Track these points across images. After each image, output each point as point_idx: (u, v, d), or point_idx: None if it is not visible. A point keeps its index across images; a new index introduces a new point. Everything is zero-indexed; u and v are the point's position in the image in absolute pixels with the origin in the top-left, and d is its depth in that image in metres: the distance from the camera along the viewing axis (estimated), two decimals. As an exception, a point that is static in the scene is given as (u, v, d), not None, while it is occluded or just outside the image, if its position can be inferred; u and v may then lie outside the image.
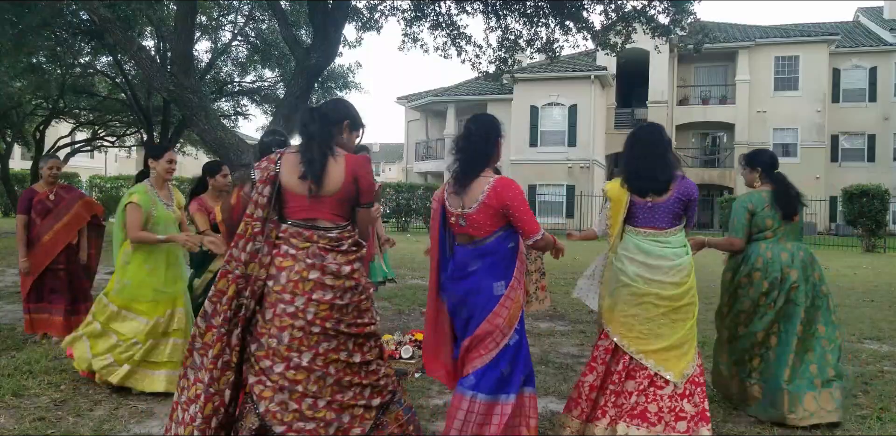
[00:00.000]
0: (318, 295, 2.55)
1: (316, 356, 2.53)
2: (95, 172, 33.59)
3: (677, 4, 8.97)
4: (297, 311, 2.53)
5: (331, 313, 2.56)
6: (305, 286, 2.54)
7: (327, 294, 2.56)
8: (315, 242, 2.59)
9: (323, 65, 7.89)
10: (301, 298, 2.54)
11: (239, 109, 20.13)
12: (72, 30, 11.97)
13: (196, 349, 2.62)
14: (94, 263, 5.58)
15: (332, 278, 2.57)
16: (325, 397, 2.53)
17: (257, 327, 2.59)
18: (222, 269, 2.64)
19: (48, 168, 5.23)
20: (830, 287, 3.96)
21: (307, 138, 2.66)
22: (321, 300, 2.54)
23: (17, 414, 3.43)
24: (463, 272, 2.85)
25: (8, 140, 19.59)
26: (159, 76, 7.07)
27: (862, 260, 15.75)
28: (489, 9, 10.09)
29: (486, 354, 2.77)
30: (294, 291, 2.54)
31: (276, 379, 2.51)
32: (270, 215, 2.62)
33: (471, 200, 2.82)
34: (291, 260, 2.57)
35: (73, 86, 16.33)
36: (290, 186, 2.62)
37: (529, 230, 2.80)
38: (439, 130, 31.66)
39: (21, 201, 5.23)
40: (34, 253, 5.12)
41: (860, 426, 3.53)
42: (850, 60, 28.60)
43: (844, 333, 3.81)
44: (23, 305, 5.23)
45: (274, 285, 2.56)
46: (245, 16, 15.78)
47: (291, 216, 2.63)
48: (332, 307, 2.56)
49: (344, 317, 2.58)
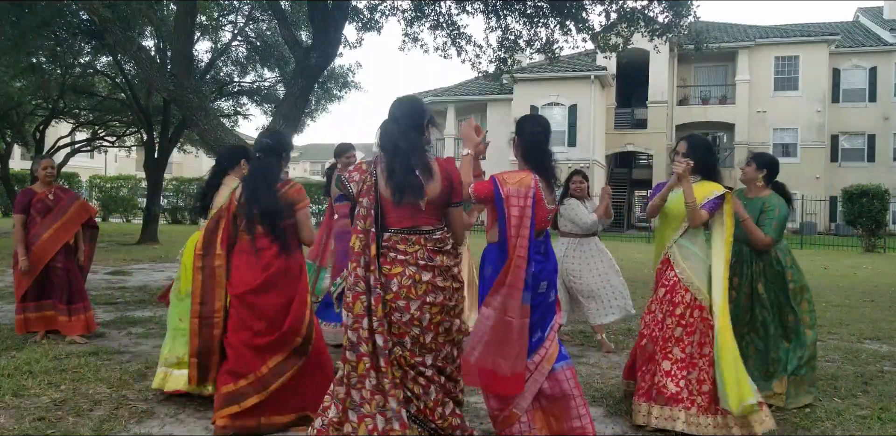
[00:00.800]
0: (431, 298, 2.56)
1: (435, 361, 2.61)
2: (95, 172, 33.60)
3: (676, 5, 8.96)
4: (412, 318, 2.55)
5: (443, 317, 2.59)
6: (419, 290, 2.55)
7: (439, 296, 2.57)
8: (423, 245, 2.59)
9: (323, 65, 7.89)
10: (415, 303, 2.54)
11: (239, 109, 20.12)
12: (72, 30, 11.96)
13: (352, 386, 2.56)
14: (87, 264, 5.61)
15: (443, 280, 2.59)
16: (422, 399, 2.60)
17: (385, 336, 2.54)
18: (349, 289, 2.59)
19: (42, 168, 5.26)
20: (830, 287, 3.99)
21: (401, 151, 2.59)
22: (434, 303, 2.56)
23: (17, 414, 3.43)
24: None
25: (8, 140, 19.58)
26: (159, 76, 7.07)
27: (862, 260, 15.75)
28: (489, 9, 10.08)
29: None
30: (408, 296, 2.54)
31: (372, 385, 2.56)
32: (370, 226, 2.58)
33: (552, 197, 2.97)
34: (401, 265, 2.56)
35: (73, 86, 16.31)
36: (386, 194, 2.60)
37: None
38: (439, 130, 31.67)
39: (18, 201, 5.23)
40: (34, 251, 5.13)
41: (860, 426, 3.53)
42: (850, 60, 28.61)
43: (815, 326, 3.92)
44: (16, 306, 5.22)
45: (385, 294, 2.54)
46: (245, 16, 15.77)
47: (393, 225, 2.61)
48: (443, 310, 2.59)
49: (453, 320, 2.63)
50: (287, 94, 7.97)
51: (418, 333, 2.55)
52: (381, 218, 2.60)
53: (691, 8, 9.01)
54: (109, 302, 7.04)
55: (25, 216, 5.17)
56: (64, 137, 20.98)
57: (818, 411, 3.76)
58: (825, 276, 11.79)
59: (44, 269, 5.17)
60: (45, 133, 19.58)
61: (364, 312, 2.54)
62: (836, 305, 7.96)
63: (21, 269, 5.11)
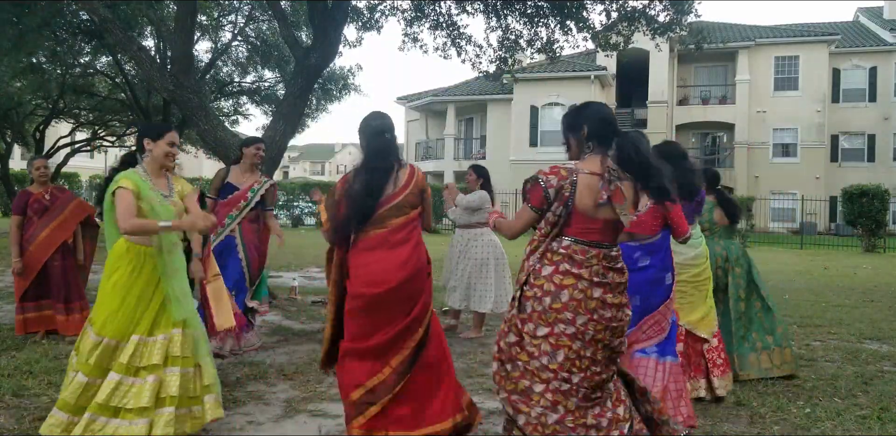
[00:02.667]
0: (599, 314, 2.54)
1: (584, 379, 2.54)
2: (95, 172, 33.57)
3: (677, 4, 8.96)
4: (577, 332, 2.52)
5: (605, 335, 2.56)
6: (589, 305, 2.53)
7: (607, 313, 2.56)
8: (600, 260, 2.57)
9: (322, 65, 7.88)
10: (583, 317, 2.53)
11: (239, 109, 20.12)
12: (72, 30, 11.95)
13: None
14: (88, 263, 5.63)
15: (613, 297, 2.57)
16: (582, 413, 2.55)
17: (526, 345, 2.56)
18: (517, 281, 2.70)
19: (35, 169, 5.30)
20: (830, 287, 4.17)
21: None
22: (601, 320, 2.54)
23: (17, 414, 3.43)
24: (634, 266, 3.18)
25: (8, 140, 19.57)
26: (159, 76, 7.06)
27: (862, 260, 15.75)
28: (489, 9, 10.07)
29: (664, 332, 3.27)
30: (577, 310, 2.52)
31: (536, 399, 2.53)
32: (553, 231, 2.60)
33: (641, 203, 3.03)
34: (574, 278, 2.54)
35: (73, 86, 16.30)
36: (584, 210, 2.56)
37: (683, 230, 3.21)
38: (439, 130, 31.65)
39: (16, 202, 5.25)
40: (31, 251, 5.15)
41: (860, 426, 3.53)
42: (850, 60, 28.60)
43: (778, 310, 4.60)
44: (16, 306, 5.24)
45: (553, 303, 2.53)
46: (245, 16, 15.76)
47: (576, 235, 2.59)
48: (607, 328, 2.56)
49: (613, 338, 2.60)
50: (287, 94, 7.96)
51: (579, 347, 2.53)
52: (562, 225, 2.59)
53: (693, 6, 9.00)
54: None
55: (22, 217, 5.19)
56: (64, 137, 20.96)
57: (818, 411, 3.76)
58: (825, 276, 11.78)
59: (42, 268, 5.18)
60: (45, 133, 19.56)
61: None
62: (836, 306, 7.96)
63: (14, 271, 5.13)
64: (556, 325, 2.52)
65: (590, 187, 2.54)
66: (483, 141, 30.33)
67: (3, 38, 9.50)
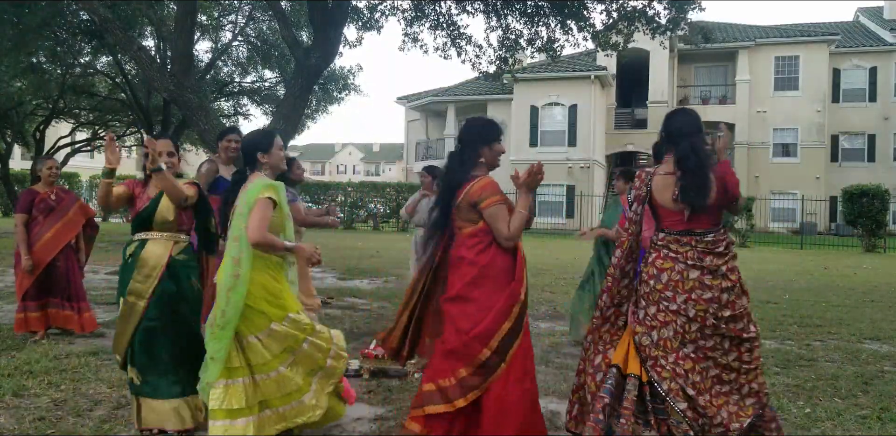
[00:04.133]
0: (697, 294, 2.79)
1: (697, 350, 2.79)
2: (95, 172, 33.53)
3: (677, 4, 8.96)
4: (679, 308, 2.80)
5: (706, 315, 2.77)
6: (686, 285, 2.80)
7: (705, 293, 2.78)
8: (693, 246, 2.84)
9: (323, 65, 7.89)
10: (682, 296, 2.80)
11: (239, 109, 20.14)
12: (72, 30, 11.96)
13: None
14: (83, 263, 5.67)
15: (711, 278, 2.79)
16: (706, 392, 2.74)
17: (644, 321, 2.84)
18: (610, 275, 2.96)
19: (47, 168, 5.32)
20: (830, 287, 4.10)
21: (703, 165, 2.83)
22: (699, 299, 2.78)
23: (17, 414, 3.43)
24: None
25: (8, 140, 19.58)
26: (159, 76, 7.07)
27: (862, 260, 15.75)
28: (489, 9, 10.08)
29: None
30: (676, 289, 2.81)
31: (670, 368, 2.75)
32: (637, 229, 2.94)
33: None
34: (671, 262, 2.84)
35: (73, 86, 16.33)
36: (665, 205, 2.90)
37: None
38: (439, 130, 31.65)
39: (21, 201, 5.29)
40: (36, 250, 5.20)
41: (860, 426, 3.53)
42: (850, 60, 28.60)
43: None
44: (18, 304, 5.27)
45: (655, 284, 2.84)
46: (245, 16, 15.78)
47: (668, 227, 2.91)
48: (708, 308, 2.77)
49: (719, 320, 2.77)
50: (287, 94, 7.98)
51: (684, 321, 2.78)
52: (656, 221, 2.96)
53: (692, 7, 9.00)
54: (109, 302, 7.04)
55: (27, 216, 5.23)
56: (64, 137, 20.99)
57: (818, 411, 3.76)
58: (825, 276, 11.78)
59: (45, 268, 5.23)
60: (45, 133, 19.59)
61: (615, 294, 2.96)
62: (836, 305, 7.95)
63: (24, 268, 5.15)
64: (660, 303, 2.82)
65: (665, 186, 2.88)
66: (483, 141, 30.28)
67: (3, 38, 9.51)
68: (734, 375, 2.81)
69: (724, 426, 2.69)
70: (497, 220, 2.79)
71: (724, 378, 2.80)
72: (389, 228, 26.95)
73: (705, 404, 2.70)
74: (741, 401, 2.80)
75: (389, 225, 27.34)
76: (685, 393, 2.71)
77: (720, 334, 2.79)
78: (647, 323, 2.83)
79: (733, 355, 2.80)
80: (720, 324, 2.78)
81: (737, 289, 2.83)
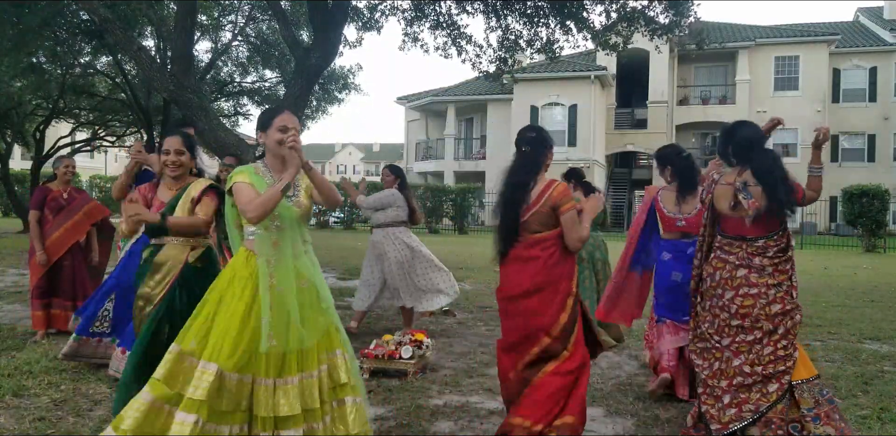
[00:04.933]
0: (744, 290, 3.13)
1: (732, 343, 3.15)
2: (95, 172, 33.58)
3: (677, 5, 8.96)
4: (724, 304, 3.17)
5: (751, 309, 3.10)
6: (734, 282, 3.16)
7: (752, 290, 3.12)
8: (744, 248, 3.17)
9: (323, 65, 7.89)
10: (730, 292, 3.16)
11: (239, 109, 20.12)
12: (72, 30, 11.95)
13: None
14: (104, 263, 5.75)
15: (757, 276, 3.12)
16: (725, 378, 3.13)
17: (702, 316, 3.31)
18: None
19: (64, 167, 5.41)
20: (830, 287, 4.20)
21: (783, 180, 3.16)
22: (746, 295, 3.12)
23: (17, 414, 3.42)
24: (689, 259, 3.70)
25: (8, 140, 19.56)
26: (159, 76, 7.07)
27: (862, 260, 15.75)
28: (489, 9, 10.08)
29: None
30: (724, 286, 3.18)
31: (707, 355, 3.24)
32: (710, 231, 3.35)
33: (690, 207, 3.94)
34: (723, 263, 3.21)
35: (73, 86, 16.30)
36: (724, 212, 3.25)
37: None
38: (439, 130, 31.64)
39: (35, 198, 5.41)
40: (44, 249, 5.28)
41: (860, 426, 3.53)
42: (850, 60, 28.59)
43: None
44: (31, 302, 5.38)
45: (710, 282, 3.23)
46: (245, 16, 15.77)
47: (724, 231, 3.28)
48: (755, 303, 3.10)
49: (762, 311, 3.10)
50: (287, 95, 7.97)
51: (727, 316, 3.16)
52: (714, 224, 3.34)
53: (692, 8, 9.00)
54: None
55: (39, 213, 5.32)
56: (64, 137, 20.95)
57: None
58: (825, 276, 11.78)
59: (51, 267, 5.31)
60: (45, 133, 19.55)
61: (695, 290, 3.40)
62: (836, 305, 7.95)
63: (39, 262, 5.26)
64: (713, 299, 3.22)
65: (724, 195, 3.22)
66: (483, 141, 30.32)
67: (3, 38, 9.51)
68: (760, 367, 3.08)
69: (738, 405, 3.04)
70: (573, 223, 3.00)
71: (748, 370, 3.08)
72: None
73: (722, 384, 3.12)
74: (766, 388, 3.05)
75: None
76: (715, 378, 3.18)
77: (759, 329, 3.09)
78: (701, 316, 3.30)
79: (768, 348, 3.09)
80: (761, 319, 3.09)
81: (785, 286, 3.12)
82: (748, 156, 3.21)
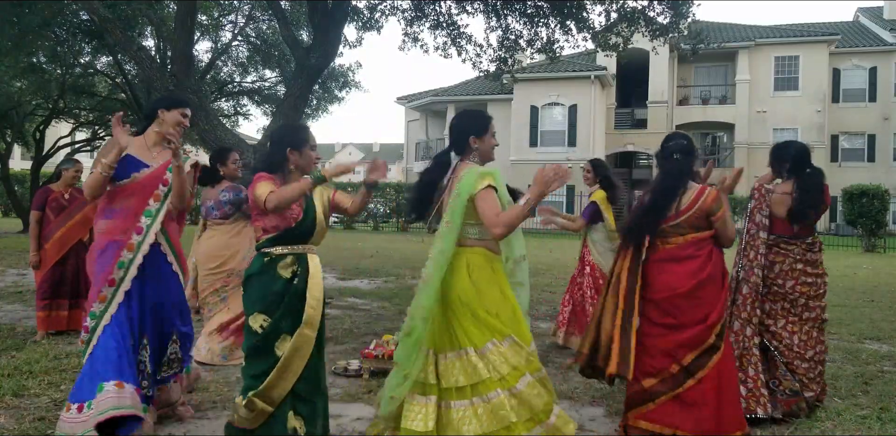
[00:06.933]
0: (802, 280, 3.74)
1: (786, 324, 3.74)
2: (95, 172, 33.47)
3: (676, 6, 8.95)
4: (785, 292, 3.75)
5: (803, 297, 3.72)
6: (793, 274, 3.75)
7: (808, 279, 3.75)
8: (799, 245, 3.78)
9: (323, 65, 7.89)
10: (790, 282, 3.75)
11: (239, 109, 20.13)
12: (72, 30, 11.97)
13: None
14: None
15: (812, 268, 3.77)
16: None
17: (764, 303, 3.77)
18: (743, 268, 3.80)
19: (74, 170, 5.49)
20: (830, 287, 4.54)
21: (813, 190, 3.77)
22: (804, 284, 3.74)
23: (17, 414, 3.42)
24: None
25: (8, 140, 19.56)
26: (159, 76, 7.07)
27: (862, 260, 15.75)
28: (489, 9, 10.07)
29: None
30: (784, 277, 3.75)
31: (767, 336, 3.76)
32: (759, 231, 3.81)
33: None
34: (783, 257, 3.77)
35: (73, 86, 16.31)
36: (780, 217, 3.80)
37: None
38: (439, 130, 31.65)
39: (36, 199, 5.46)
40: (45, 249, 5.33)
41: (860, 426, 3.53)
42: (850, 60, 28.59)
43: None
44: (36, 303, 5.41)
45: (769, 273, 3.76)
46: (245, 16, 15.77)
47: (779, 233, 3.81)
48: (808, 292, 3.74)
49: (811, 300, 3.73)
50: (287, 95, 7.97)
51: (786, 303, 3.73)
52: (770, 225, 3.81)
53: (691, 9, 8.99)
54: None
55: (41, 213, 5.37)
56: (64, 137, 20.96)
57: (818, 411, 3.75)
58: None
59: (54, 267, 5.36)
60: (45, 133, 19.56)
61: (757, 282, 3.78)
62: (836, 306, 7.95)
63: (31, 264, 5.35)
64: (772, 287, 3.76)
65: (782, 203, 3.78)
66: (483, 141, 30.30)
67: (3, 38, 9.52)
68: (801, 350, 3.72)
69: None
70: (728, 226, 3.23)
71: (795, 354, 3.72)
72: (389, 228, 26.95)
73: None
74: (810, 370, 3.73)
75: (389, 225, 27.33)
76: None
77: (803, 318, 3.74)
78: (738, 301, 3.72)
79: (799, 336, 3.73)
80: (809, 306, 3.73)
81: (826, 278, 3.82)
82: (802, 169, 3.81)
